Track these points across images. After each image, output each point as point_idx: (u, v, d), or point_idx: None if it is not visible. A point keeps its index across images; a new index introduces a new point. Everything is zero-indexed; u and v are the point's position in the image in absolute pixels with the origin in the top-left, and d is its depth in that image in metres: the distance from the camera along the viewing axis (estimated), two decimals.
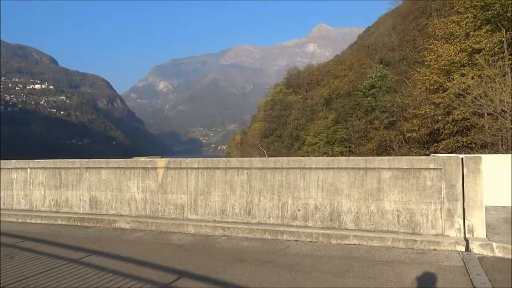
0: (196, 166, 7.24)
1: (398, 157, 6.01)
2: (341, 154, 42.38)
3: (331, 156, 41.09)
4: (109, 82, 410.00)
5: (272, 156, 51.40)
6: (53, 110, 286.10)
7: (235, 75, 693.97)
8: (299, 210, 6.42)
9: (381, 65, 43.26)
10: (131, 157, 8.78)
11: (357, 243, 5.73)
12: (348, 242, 5.77)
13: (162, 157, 8.16)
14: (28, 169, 9.08)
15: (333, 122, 46.98)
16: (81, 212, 8.36)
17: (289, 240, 6.12)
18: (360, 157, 6.27)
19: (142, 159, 7.98)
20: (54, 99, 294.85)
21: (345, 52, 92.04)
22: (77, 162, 8.52)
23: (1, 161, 9.61)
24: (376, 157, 6.14)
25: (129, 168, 7.89)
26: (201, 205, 7.20)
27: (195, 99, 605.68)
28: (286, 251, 5.55)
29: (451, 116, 22.86)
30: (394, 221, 5.85)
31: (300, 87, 70.28)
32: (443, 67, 23.67)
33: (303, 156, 36.90)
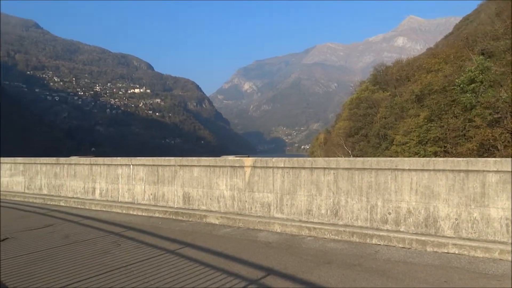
0: (282, 165, 7.29)
1: (507, 158, 5.35)
2: (435, 154, 39.25)
3: (423, 156, 38.28)
4: (198, 85, 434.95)
5: (357, 156, 49.69)
6: (149, 112, 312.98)
7: (318, 74, 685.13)
8: (389, 213, 6.09)
9: (481, 57, 39.02)
10: (218, 156, 9.18)
11: (456, 252, 5.24)
12: (446, 251, 5.31)
13: (249, 156, 8.38)
14: (131, 166, 10.04)
15: (426, 120, 43.72)
16: (175, 206, 8.98)
17: (378, 244, 5.84)
18: (460, 158, 5.72)
19: (230, 158, 8.28)
20: (151, 102, 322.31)
21: (438, 44, 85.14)
22: (172, 160, 9.18)
23: (111, 157, 10.77)
24: (479, 159, 5.54)
25: (218, 166, 8.26)
26: (286, 204, 7.24)
27: (279, 98, 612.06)
28: (376, 255, 5.31)
29: None
30: (502, 230, 5.22)
31: (388, 84, 66.74)
32: None
33: (391, 157, 35.00)
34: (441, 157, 30.88)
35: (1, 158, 14.46)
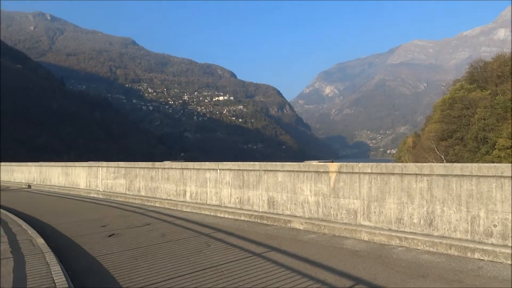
0: (369, 171, 7.02)
1: None
2: None
3: None
4: (279, 91, 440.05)
5: (451, 161, 45.70)
6: (233, 118, 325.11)
7: (405, 74, 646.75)
8: (495, 225, 5.48)
9: None
10: (299, 161, 9.17)
11: None
12: None
13: (333, 162, 8.23)
14: (218, 170, 10.52)
15: None
16: (260, 210, 9.17)
17: (481, 259, 5.29)
18: None
19: (314, 163, 8.22)
20: (234, 109, 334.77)
21: None
22: (257, 165, 9.40)
23: (200, 162, 11.42)
24: None
25: (302, 171, 8.25)
26: (374, 212, 6.94)
27: (362, 101, 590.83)
28: (479, 272, 4.81)
29: None
30: None
31: (487, 82, 60.34)
32: None
33: (493, 162, 31.49)
34: None
35: (108, 162, 16.21)
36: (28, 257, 5.55)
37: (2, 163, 28.49)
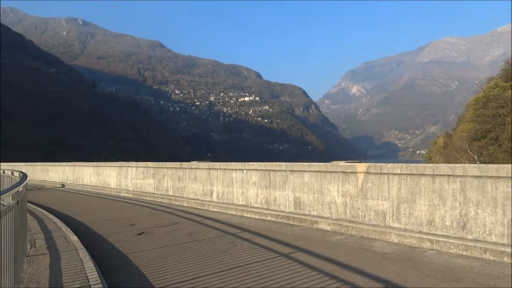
0: (399, 171, 6.86)
1: None
2: None
3: None
4: (305, 91, 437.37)
5: (485, 162, 44.02)
6: (258, 118, 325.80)
7: (435, 72, 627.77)
8: None
9: None
10: (325, 161, 9.07)
11: None
12: None
13: (360, 162, 8.09)
14: (244, 171, 10.56)
15: None
16: (286, 211, 9.14)
17: None
18: None
19: (341, 163, 8.11)
20: (259, 109, 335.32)
21: None
22: (283, 165, 9.37)
23: (226, 162, 11.52)
24: None
25: (329, 172, 8.16)
26: (404, 214, 6.77)
27: (390, 101, 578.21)
28: None
29: None
30: None
31: None
32: None
33: None
34: None
35: (137, 162, 16.62)
36: (63, 254, 5.76)
37: (39, 163, 29.75)
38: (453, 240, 5.84)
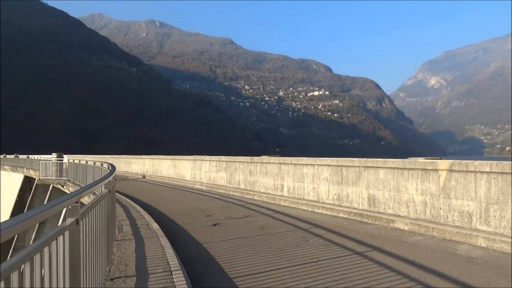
0: (488, 170, 6.26)
1: None
2: None
3: None
4: (378, 83, 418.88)
5: None
6: (328, 113, 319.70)
7: None
8: None
9: None
10: (400, 157, 8.59)
11: None
12: None
13: (441, 159, 7.53)
14: (316, 166, 10.43)
15: None
16: (359, 208, 8.85)
17: None
18: None
19: (421, 159, 7.61)
20: (329, 103, 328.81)
21: None
22: (356, 161, 9.08)
23: (297, 157, 11.48)
24: None
25: (407, 168, 7.72)
26: (494, 216, 6.17)
27: (474, 93, 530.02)
28: None
29: None
30: None
31: None
32: None
33: None
34: None
35: (210, 156, 17.30)
36: (146, 240, 6.20)
37: (123, 156, 32.44)
38: None
